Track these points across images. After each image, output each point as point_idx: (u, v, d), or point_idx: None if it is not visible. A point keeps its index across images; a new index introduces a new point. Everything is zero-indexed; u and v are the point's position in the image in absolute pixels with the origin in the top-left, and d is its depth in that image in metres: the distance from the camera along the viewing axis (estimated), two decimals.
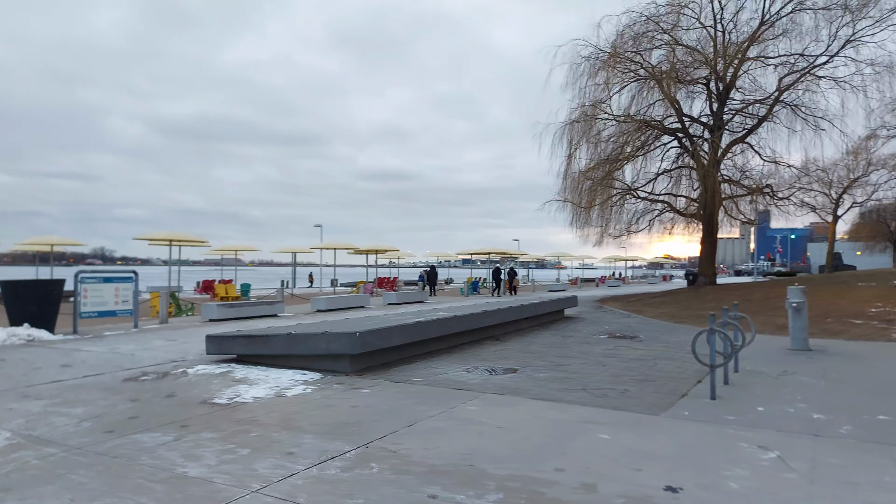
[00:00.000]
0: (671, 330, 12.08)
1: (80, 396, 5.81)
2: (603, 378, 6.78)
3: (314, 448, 4.15)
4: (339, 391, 6.05)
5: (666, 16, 21.22)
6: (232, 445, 4.21)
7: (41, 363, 7.86)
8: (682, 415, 5.08)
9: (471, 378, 6.77)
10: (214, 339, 7.88)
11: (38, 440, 4.36)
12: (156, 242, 23.32)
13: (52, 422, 4.86)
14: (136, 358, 8.22)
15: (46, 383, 6.45)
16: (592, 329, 12.22)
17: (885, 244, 60.36)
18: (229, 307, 15.01)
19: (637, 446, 4.19)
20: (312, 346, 7.07)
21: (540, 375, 6.93)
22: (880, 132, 26.17)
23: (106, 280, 12.56)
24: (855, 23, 19.72)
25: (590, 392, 5.99)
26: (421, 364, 7.73)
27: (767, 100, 22.09)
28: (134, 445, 4.22)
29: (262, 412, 5.17)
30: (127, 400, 5.64)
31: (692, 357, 8.37)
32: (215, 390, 6.07)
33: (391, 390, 6.09)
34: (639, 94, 22.91)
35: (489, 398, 5.68)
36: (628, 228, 25.21)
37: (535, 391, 6.02)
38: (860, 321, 11.93)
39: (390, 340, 7.41)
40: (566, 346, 9.56)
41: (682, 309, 15.78)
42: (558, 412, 5.17)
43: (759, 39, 21.03)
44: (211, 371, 7.12)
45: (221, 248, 34.46)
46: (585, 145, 21.79)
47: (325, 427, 4.70)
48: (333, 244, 32.07)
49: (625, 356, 8.48)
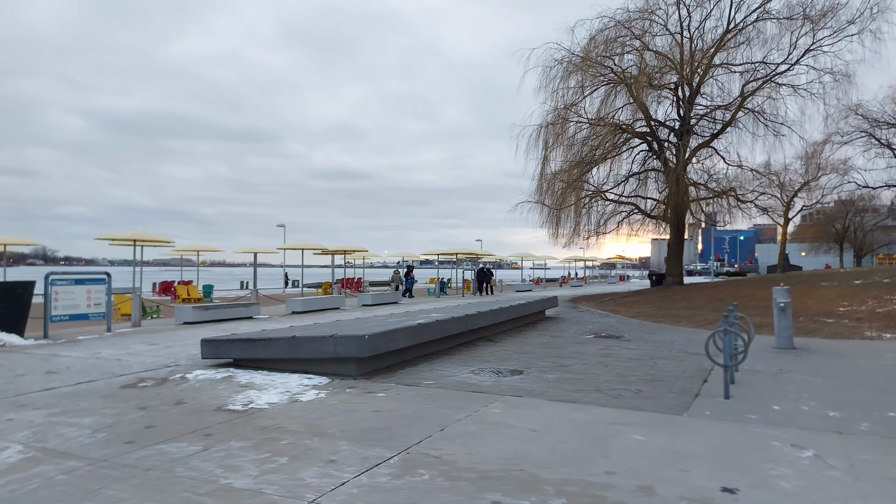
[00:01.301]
0: (653, 329, 12.32)
1: (80, 405, 5.55)
2: (610, 379, 6.85)
3: (354, 455, 4.06)
4: (353, 395, 5.94)
5: (637, 21, 21.71)
6: (267, 454, 4.08)
7: (21, 369, 7.47)
8: (704, 414, 5.17)
9: (481, 380, 6.75)
10: (210, 343, 7.64)
11: (54, 453, 4.13)
12: (119, 243, 22.47)
13: (62, 433, 4.62)
14: (124, 363, 7.91)
15: (38, 391, 6.14)
16: (577, 329, 12.37)
17: (829, 245, 63.06)
18: (204, 309, 14.60)
19: (674, 447, 4.24)
20: (318, 349, 6.93)
21: (548, 377, 6.96)
22: (834, 138, 27.39)
23: (77, 282, 12.06)
24: (815, 32, 20.61)
25: (604, 393, 6.05)
26: (424, 366, 7.67)
27: (732, 105, 22.84)
28: (162, 456, 4.05)
29: (284, 419, 5.04)
30: (135, 408, 5.41)
31: (687, 356, 8.59)
32: (224, 396, 5.89)
33: (407, 394, 6.02)
34: (608, 98, 23.37)
35: (509, 401, 5.67)
36: (597, 230, 25.63)
37: (551, 393, 6.04)
38: (831, 320, 12.42)
39: (396, 343, 7.33)
40: (560, 347, 9.64)
41: (657, 309, 16.13)
42: (582, 413, 5.20)
43: (725, 47, 21.75)
44: (212, 376, 6.90)
45: (184, 248, 33.47)
46: (559, 148, 22.10)
47: (355, 433, 4.60)
48: (301, 244, 31.50)
49: (621, 356, 8.60)
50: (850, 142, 28.67)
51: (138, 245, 21.73)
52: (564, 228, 23.58)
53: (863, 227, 58.71)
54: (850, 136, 28.18)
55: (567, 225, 23.66)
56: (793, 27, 20.73)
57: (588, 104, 22.74)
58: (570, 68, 21.81)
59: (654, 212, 25.45)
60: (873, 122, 27.79)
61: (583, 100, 22.36)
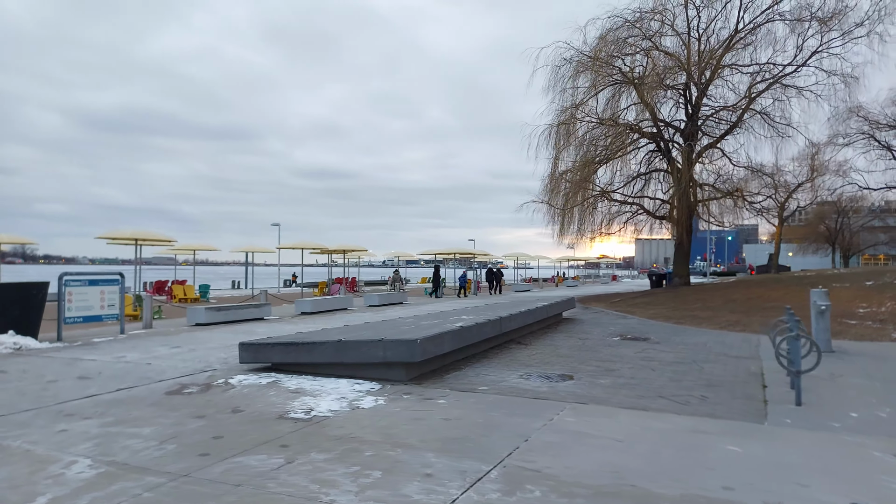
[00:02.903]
0: (677, 331, 12.23)
1: (131, 413, 5.31)
2: (666, 384, 6.72)
3: (448, 468, 3.87)
4: (413, 402, 5.75)
5: (646, 21, 21.65)
6: (356, 467, 3.89)
7: (50, 375, 7.20)
8: (785, 422, 5.05)
9: (535, 386, 6.58)
10: (250, 347, 7.40)
11: (128, 467, 3.91)
12: (119, 241, 22.02)
13: (126, 444, 4.39)
14: (157, 368, 7.65)
15: (79, 399, 5.88)
16: (601, 331, 12.24)
17: (818, 246, 63.61)
18: (217, 310, 14.30)
19: (775, 458, 4.10)
20: (365, 354, 6.72)
21: (601, 382, 6.81)
22: (836, 140, 27.57)
23: (91, 283, 11.74)
24: (822, 34, 20.68)
25: (669, 399, 5.91)
26: (469, 371, 7.49)
27: (739, 105, 22.86)
28: (245, 470, 3.84)
29: (354, 427, 4.84)
30: (191, 417, 5.18)
31: (728, 359, 8.48)
32: (280, 403, 5.67)
33: (467, 401, 5.84)
34: (614, 98, 23.30)
35: (577, 408, 5.51)
36: (600, 230, 25.58)
37: (615, 400, 5.89)
38: (854, 321, 12.40)
39: (442, 347, 7.14)
40: (594, 350, 9.50)
41: (673, 310, 16.06)
42: (659, 422, 5.05)
43: (733, 47, 21.77)
44: (257, 381, 6.67)
45: (179, 247, 32.96)
46: (569, 147, 21.99)
47: (435, 443, 4.41)
48: (300, 244, 31.18)
49: (662, 359, 8.48)
50: (850, 143, 28.89)
51: (140, 244, 21.34)
52: (570, 228, 23.50)
53: (850, 227, 59.30)
54: (851, 137, 28.41)
55: (573, 225, 23.59)
56: (801, 29, 20.80)
57: (595, 104, 22.69)
58: (580, 68, 21.71)
59: (658, 212, 25.46)
60: (874, 124, 28.03)
61: (593, 98, 22.26)
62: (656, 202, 25.56)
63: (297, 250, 32.80)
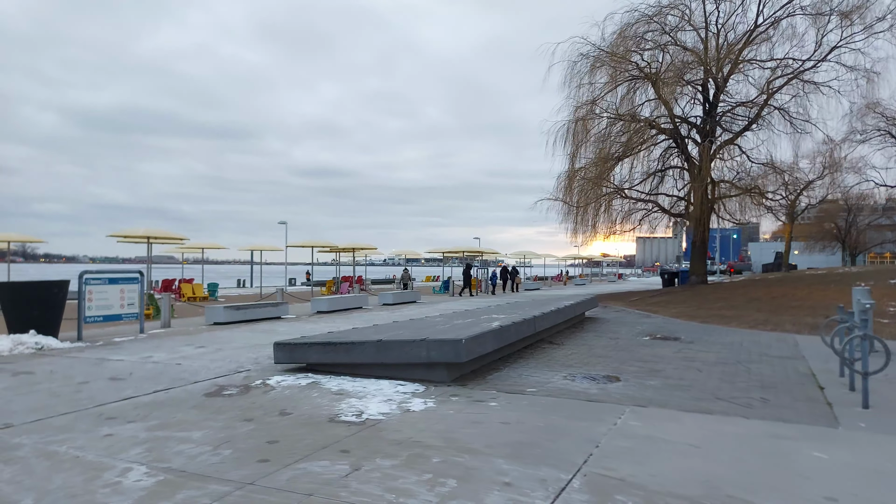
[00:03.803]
0: (706, 330, 11.99)
1: (174, 416, 5.11)
2: (719, 385, 6.50)
3: (525, 476, 3.66)
4: (464, 404, 5.54)
5: (665, 16, 21.40)
6: (428, 475, 3.68)
7: (80, 376, 7.00)
8: (859, 426, 4.83)
9: (584, 387, 6.37)
10: (285, 347, 7.20)
11: (186, 474, 3.70)
12: (131, 240, 21.85)
13: (179, 450, 4.18)
14: (188, 369, 7.45)
15: (116, 402, 5.68)
16: (628, 330, 12.02)
17: (824, 244, 63.21)
18: (236, 309, 14.11)
19: (865, 465, 3.88)
20: (407, 354, 6.51)
21: (650, 383, 6.60)
22: (852, 136, 27.28)
23: (111, 281, 11.55)
24: (843, 29, 20.40)
25: (729, 402, 5.70)
26: (509, 371, 7.29)
27: (757, 100, 22.59)
28: (312, 477, 3.63)
29: (412, 431, 4.63)
30: (239, 420, 4.98)
31: (771, 359, 8.26)
32: (326, 405, 5.46)
33: (519, 403, 5.63)
34: (629, 94, 23.05)
35: (638, 412, 5.29)
36: (614, 227, 25.34)
37: (674, 402, 5.67)
38: (886, 320, 12.16)
39: (484, 347, 6.93)
40: (629, 350, 9.28)
41: (696, 308, 15.83)
42: (729, 426, 4.84)
43: (752, 42, 21.48)
44: (296, 383, 6.47)
45: (191, 245, 32.77)
46: (586, 144, 21.76)
47: (502, 448, 4.21)
48: (310, 242, 30.96)
49: (704, 360, 8.26)
50: (867, 140, 28.60)
51: (152, 242, 21.15)
52: (585, 225, 23.27)
53: (857, 225, 58.92)
54: (867, 134, 28.12)
55: (587, 221, 23.35)
56: (822, 23, 20.51)
57: (611, 100, 22.44)
58: (597, 63, 21.47)
59: (673, 209, 25.21)
60: (890, 120, 27.74)
61: (610, 93, 22.03)
62: (672, 199, 25.31)
63: (303, 249, 32.59)
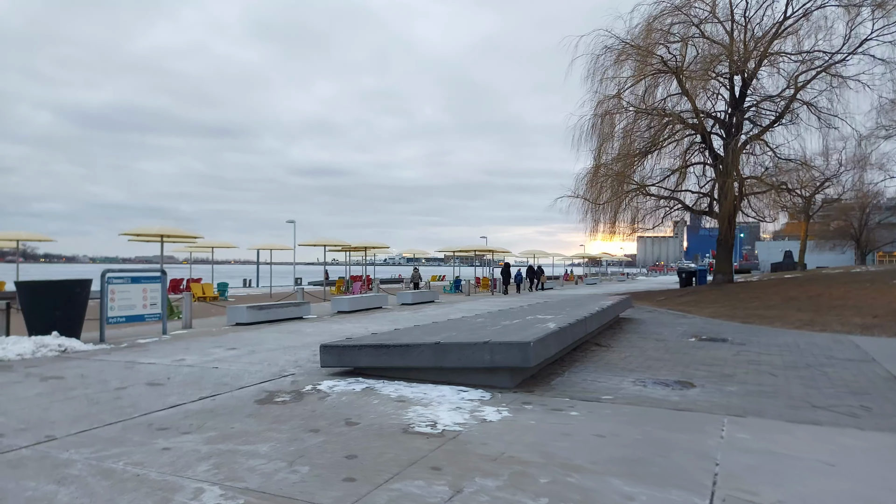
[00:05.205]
0: (751, 331, 11.53)
1: (233, 427, 4.66)
2: (805, 392, 6.05)
3: (656, 500, 3.21)
4: (542, 413, 5.09)
5: (690, 7, 20.90)
6: (544, 498, 3.23)
7: (115, 381, 6.57)
8: None
9: (662, 394, 5.92)
10: (332, 350, 6.76)
11: (268, 497, 3.26)
12: (144, 238, 21.44)
13: (251, 467, 3.74)
14: (227, 373, 7.02)
15: (162, 410, 5.24)
16: (671, 332, 11.56)
17: (835, 242, 62.70)
18: (259, 310, 13.67)
19: None
20: (469, 357, 6.07)
21: (730, 389, 6.15)
22: (878, 132, 26.77)
23: (134, 280, 11.12)
24: (875, 21, 19.84)
25: (828, 410, 5.24)
26: (572, 376, 6.84)
27: (784, 95, 22.05)
28: (412, 500, 3.18)
29: (501, 445, 4.18)
30: (304, 431, 4.53)
31: (841, 362, 7.80)
32: (392, 414, 5.02)
33: (602, 412, 5.18)
34: (650, 89, 22.55)
35: (739, 422, 4.83)
36: (634, 225, 24.87)
37: (770, 411, 5.22)
38: None
39: (548, 350, 6.48)
40: (683, 352, 8.83)
41: (731, 308, 15.35)
42: (848, 438, 4.38)
43: (782, 34, 20.94)
44: (349, 388, 6.03)
45: (203, 244, 32.34)
46: (611, 139, 21.29)
47: (611, 465, 3.76)
48: (322, 241, 30.54)
49: (770, 363, 7.79)
50: (891, 136, 28.02)
51: (166, 241, 20.72)
52: (606, 223, 22.81)
53: (867, 224, 58.39)
54: (891, 129, 27.53)
55: (608, 219, 22.89)
56: (853, 15, 19.90)
57: (634, 94, 21.95)
58: (622, 56, 20.98)
59: (695, 206, 24.72)
60: None
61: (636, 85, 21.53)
62: (695, 196, 24.79)
63: (305, 248, 32.12)
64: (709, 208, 24.11)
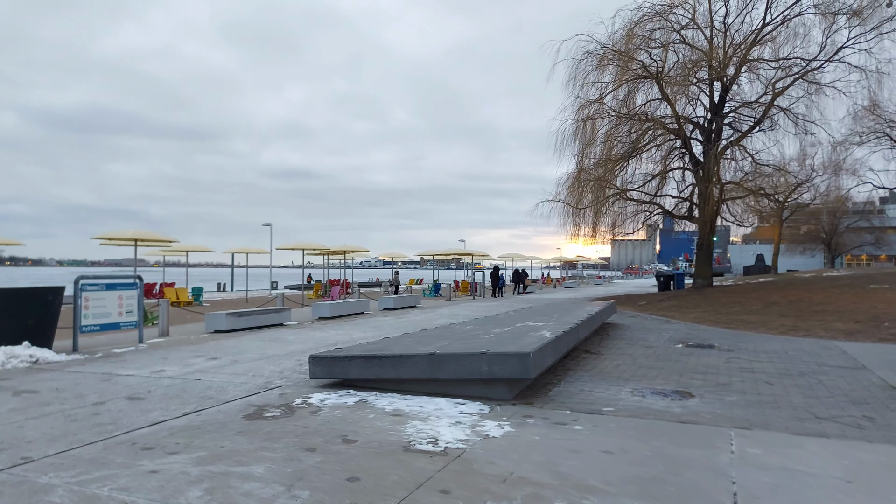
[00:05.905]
0: (737, 337, 11.55)
1: (222, 445, 4.41)
2: (805, 401, 5.99)
3: None
4: (544, 428, 4.93)
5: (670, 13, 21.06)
6: None
7: (93, 395, 6.24)
8: None
9: (663, 405, 5.81)
10: (322, 361, 6.52)
11: None
12: (117, 242, 20.87)
13: (247, 491, 3.50)
14: (210, 385, 6.73)
15: (146, 427, 4.96)
16: (656, 337, 11.53)
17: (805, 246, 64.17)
18: (238, 316, 13.31)
19: None
20: (466, 369, 5.89)
21: (730, 399, 6.06)
22: (851, 138, 27.32)
23: (109, 287, 10.72)
24: (851, 29, 20.24)
25: (832, 421, 5.17)
26: (568, 386, 6.70)
27: (762, 100, 22.36)
28: None
29: (508, 464, 4.01)
30: (300, 449, 4.30)
31: (833, 369, 7.79)
32: (390, 430, 4.81)
33: (606, 425, 5.03)
34: (631, 94, 22.68)
35: (747, 435, 4.73)
36: (615, 229, 24.98)
37: (776, 423, 5.13)
38: None
39: (545, 360, 6.33)
40: (673, 359, 8.76)
41: (714, 314, 15.42)
42: (861, 452, 4.30)
43: (761, 41, 21.23)
44: (341, 402, 5.80)
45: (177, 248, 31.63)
46: (594, 144, 21.35)
47: (625, 485, 3.61)
48: (301, 244, 30.09)
49: (764, 371, 7.76)
50: (864, 142, 28.66)
51: (140, 245, 20.21)
52: (587, 227, 22.86)
53: (837, 228, 59.74)
54: (865, 136, 28.18)
55: (589, 224, 22.94)
56: (830, 22, 20.25)
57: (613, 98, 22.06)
58: (603, 61, 21.06)
59: (675, 211, 24.92)
60: (888, 122, 27.83)
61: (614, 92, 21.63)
62: (674, 201, 25.02)
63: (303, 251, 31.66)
64: (688, 213, 24.33)
